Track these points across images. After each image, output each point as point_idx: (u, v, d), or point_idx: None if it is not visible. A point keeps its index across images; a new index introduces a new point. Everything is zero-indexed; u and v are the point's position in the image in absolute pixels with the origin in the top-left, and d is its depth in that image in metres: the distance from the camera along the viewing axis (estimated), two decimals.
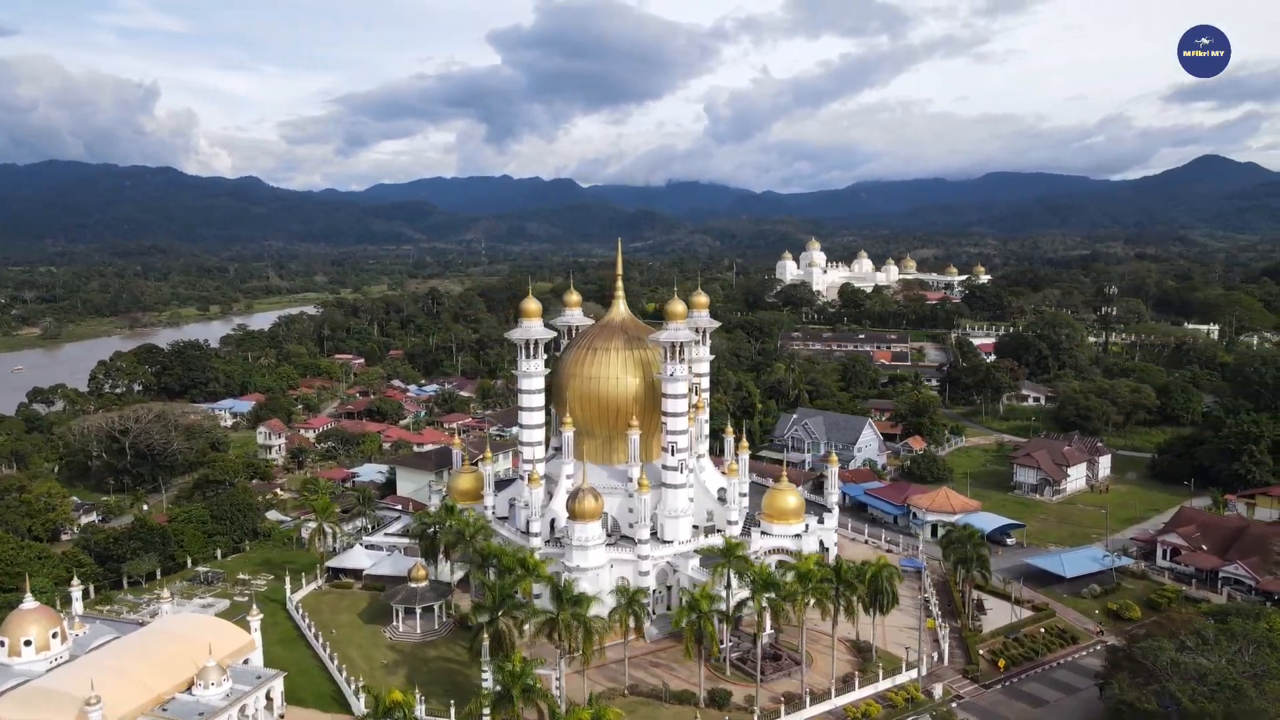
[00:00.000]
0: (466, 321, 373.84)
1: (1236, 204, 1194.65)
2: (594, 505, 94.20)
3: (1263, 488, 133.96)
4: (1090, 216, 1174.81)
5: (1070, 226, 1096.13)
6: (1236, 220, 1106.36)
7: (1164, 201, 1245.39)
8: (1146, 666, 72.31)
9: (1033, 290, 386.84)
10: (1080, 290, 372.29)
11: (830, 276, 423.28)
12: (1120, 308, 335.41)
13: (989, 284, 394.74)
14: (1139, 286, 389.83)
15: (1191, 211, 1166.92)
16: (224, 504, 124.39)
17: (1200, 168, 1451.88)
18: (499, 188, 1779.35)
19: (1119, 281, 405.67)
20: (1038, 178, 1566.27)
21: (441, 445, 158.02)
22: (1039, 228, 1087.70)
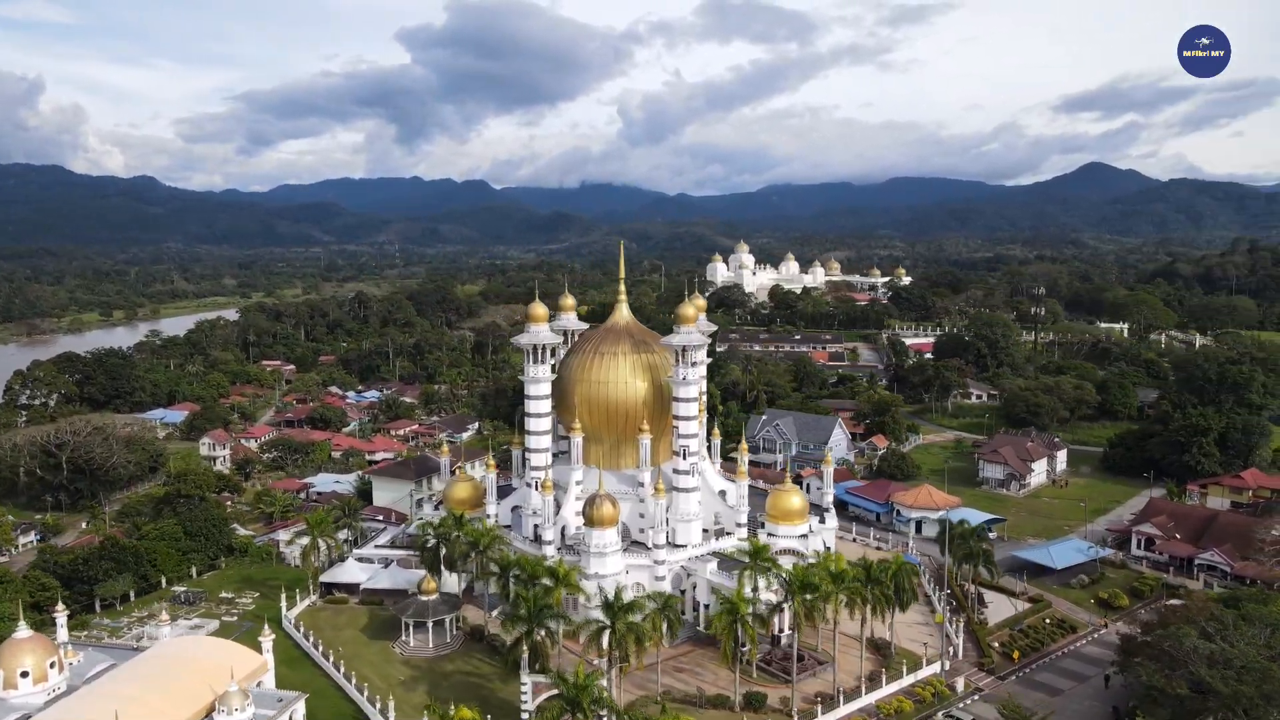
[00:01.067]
0: (398, 325, 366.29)
1: (1120, 209, 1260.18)
2: (612, 511, 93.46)
3: (1212, 478, 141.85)
4: (988, 220, 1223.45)
5: (970, 230, 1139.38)
6: (1120, 224, 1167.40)
7: (1055, 206, 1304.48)
8: (1168, 652, 75.61)
9: (953, 291, 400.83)
10: (999, 291, 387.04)
11: (760, 278, 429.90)
12: (1046, 308, 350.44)
13: (912, 286, 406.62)
14: (1051, 287, 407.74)
15: (1080, 216, 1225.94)
16: (197, 520, 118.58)
17: (1087, 174, 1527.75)
18: (410, 189, 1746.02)
19: (1032, 283, 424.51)
20: (938, 183, 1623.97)
21: (417, 454, 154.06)
22: (941, 231, 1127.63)
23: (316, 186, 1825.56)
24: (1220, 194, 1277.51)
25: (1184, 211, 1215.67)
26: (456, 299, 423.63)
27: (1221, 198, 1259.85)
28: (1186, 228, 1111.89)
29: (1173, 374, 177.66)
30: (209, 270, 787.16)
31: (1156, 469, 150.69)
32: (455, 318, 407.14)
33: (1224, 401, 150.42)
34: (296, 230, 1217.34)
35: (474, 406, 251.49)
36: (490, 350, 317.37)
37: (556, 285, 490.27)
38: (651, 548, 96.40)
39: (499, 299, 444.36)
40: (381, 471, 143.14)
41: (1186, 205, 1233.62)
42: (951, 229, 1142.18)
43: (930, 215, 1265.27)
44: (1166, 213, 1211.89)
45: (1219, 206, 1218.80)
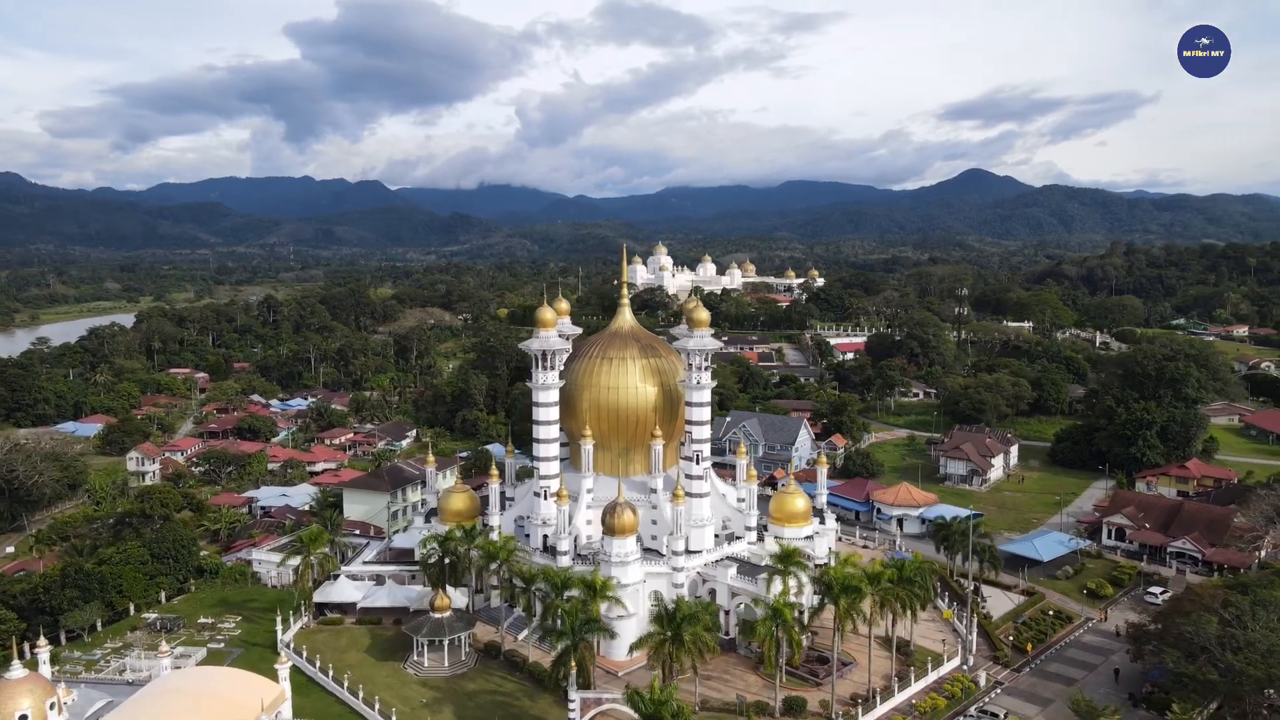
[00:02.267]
0: (313, 330, 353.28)
1: (999, 212, 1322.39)
2: (632, 519, 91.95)
3: (1157, 469, 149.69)
4: (879, 223, 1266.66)
5: (863, 232, 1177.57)
6: (1000, 227, 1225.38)
7: (940, 210, 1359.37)
8: (1188, 639, 79.12)
9: (866, 293, 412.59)
10: (911, 292, 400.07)
11: (679, 280, 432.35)
12: (949, 308, 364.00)
13: (828, 287, 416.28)
14: (955, 288, 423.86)
15: (963, 219, 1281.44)
16: (165, 541, 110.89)
17: (968, 180, 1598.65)
18: (301, 189, 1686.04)
19: (939, 284, 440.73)
20: (831, 186, 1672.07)
21: (389, 463, 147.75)
22: (836, 233, 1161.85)
23: (200, 185, 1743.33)
24: (1088, 199, 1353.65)
25: (1056, 216, 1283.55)
26: (371, 302, 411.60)
27: (1089, 203, 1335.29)
28: (1059, 231, 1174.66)
29: (1113, 370, 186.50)
30: (87, 273, 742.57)
31: (1103, 461, 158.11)
32: (370, 321, 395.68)
33: (1163, 396, 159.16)
34: (180, 231, 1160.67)
35: (409, 413, 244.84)
36: (415, 354, 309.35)
37: (467, 287, 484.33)
38: (670, 554, 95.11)
39: (414, 302, 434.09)
40: (353, 483, 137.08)
41: (1059, 210, 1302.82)
42: (846, 231, 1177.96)
43: (825, 218, 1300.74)
44: (1041, 217, 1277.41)
45: (1087, 211, 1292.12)
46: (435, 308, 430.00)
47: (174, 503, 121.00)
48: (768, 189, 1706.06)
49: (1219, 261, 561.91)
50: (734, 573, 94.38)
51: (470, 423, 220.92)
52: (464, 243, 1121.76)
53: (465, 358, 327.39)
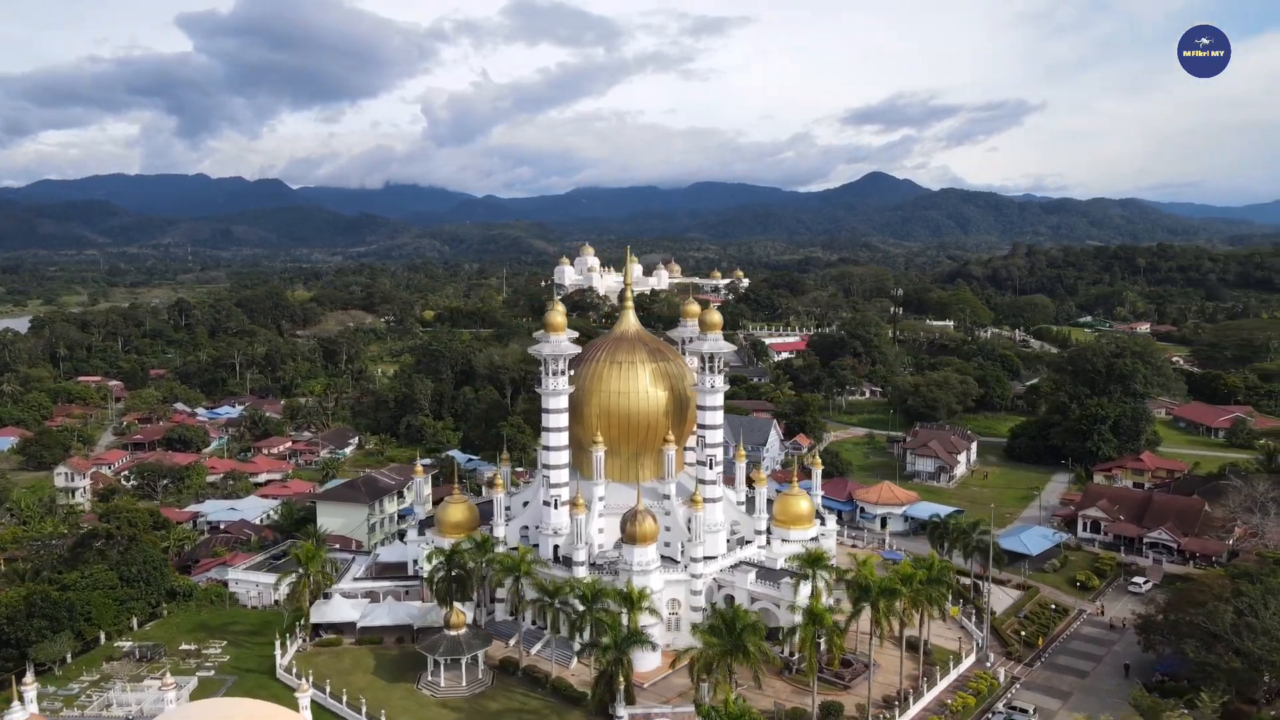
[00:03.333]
0: (231, 334, 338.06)
1: (900, 214, 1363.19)
2: (653, 527, 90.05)
3: (1111, 462, 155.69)
4: (787, 224, 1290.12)
5: (772, 233, 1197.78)
6: (901, 229, 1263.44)
7: (845, 212, 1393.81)
8: (1204, 628, 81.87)
9: (792, 293, 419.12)
10: (838, 292, 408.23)
11: (608, 281, 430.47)
12: (876, 307, 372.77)
13: (757, 287, 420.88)
14: (880, 288, 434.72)
15: (866, 220, 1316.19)
16: (134, 563, 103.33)
17: (870, 183, 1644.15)
18: (195, 187, 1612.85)
19: (860, 284, 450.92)
20: (740, 188, 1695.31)
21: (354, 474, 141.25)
22: (746, 234, 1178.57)
23: (85, 182, 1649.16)
24: (981, 202, 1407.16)
25: (953, 218, 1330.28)
26: (290, 305, 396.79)
27: (983, 205, 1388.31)
28: (956, 232, 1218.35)
29: (1063, 367, 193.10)
30: None
31: (1057, 456, 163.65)
32: (289, 325, 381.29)
33: (1113, 391, 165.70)
34: (64, 231, 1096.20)
35: (347, 419, 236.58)
36: (345, 359, 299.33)
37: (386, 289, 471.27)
38: (688, 561, 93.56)
39: (334, 304, 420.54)
40: (327, 495, 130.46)
41: (955, 212, 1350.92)
42: (755, 232, 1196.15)
43: (734, 219, 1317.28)
44: (939, 219, 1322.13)
45: (981, 213, 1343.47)
46: (357, 310, 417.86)
47: (142, 521, 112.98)
48: (677, 190, 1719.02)
49: (1111, 262, 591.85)
50: (753, 578, 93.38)
51: (416, 428, 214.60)
52: (371, 243, 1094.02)
53: (397, 362, 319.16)
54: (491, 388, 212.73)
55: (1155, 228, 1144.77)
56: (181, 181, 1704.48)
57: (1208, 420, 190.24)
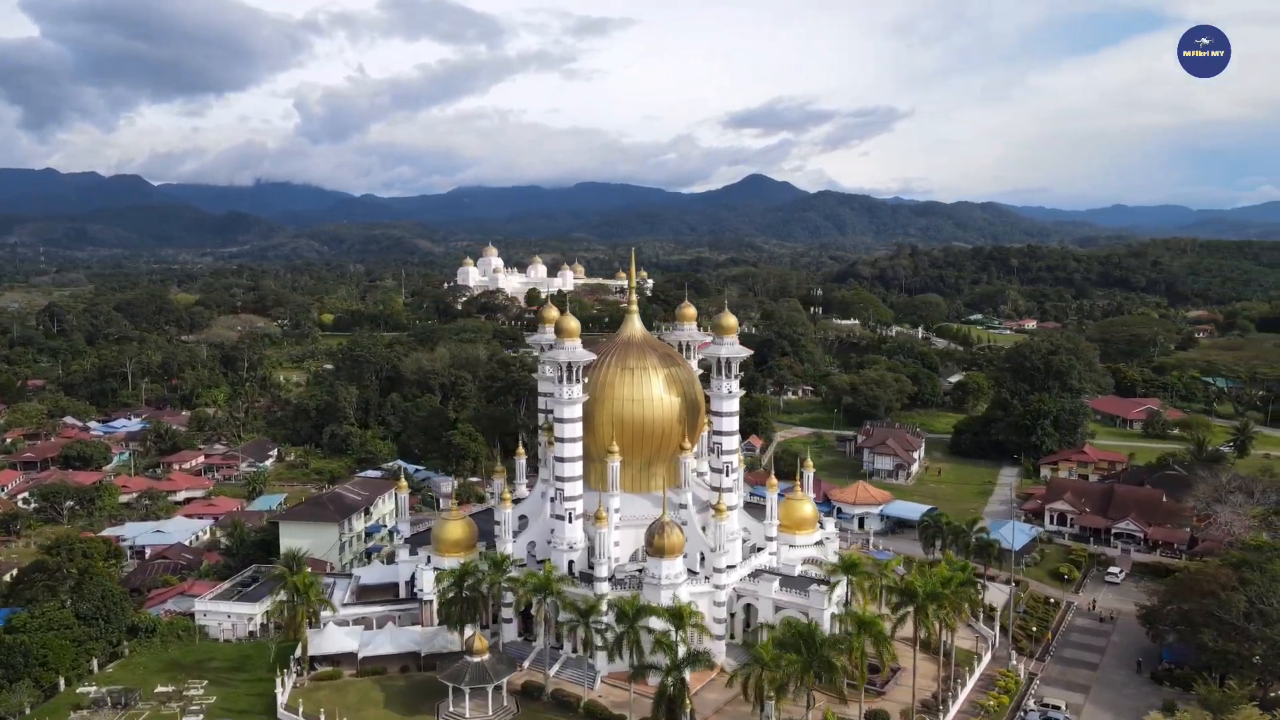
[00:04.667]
0: (111, 339, 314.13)
1: (781, 216, 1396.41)
2: (680, 538, 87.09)
3: (1054, 455, 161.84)
4: (672, 225, 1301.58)
5: (658, 233, 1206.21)
6: (782, 230, 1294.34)
7: (727, 213, 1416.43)
8: (1218, 618, 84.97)
9: (698, 293, 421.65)
10: (744, 293, 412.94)
11: (512, 281, 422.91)
12: (784, 307, 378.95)
13: (665, 287, 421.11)
14: (784, 288, 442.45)
15: (748, 221, 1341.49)
16: (92, 599, 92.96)
17: (751, 185, 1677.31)
18: (43, 183, 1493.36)
19: (765, 284, 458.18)
20: (623, 188, 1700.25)
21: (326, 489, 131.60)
22: (632, 234, 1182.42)
23: None
24: (856, 205, 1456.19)
25: (830, 219, 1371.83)
26: (175, 309, 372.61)
27: (857, 208, 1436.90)
28: (834, 233, 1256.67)
29: (1002, 364, 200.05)
30: None
31: (1001, 451, 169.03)
32: (175, 329, 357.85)
33: (1051, 387, 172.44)
34: None
35: (262, 430, 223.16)
36: (245, 365, 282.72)
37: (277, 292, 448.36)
38: (711, 572, 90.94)
39: (223, 308, 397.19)
40: (293, 514, 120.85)
41: (832, 214, 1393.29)
42: (641, 232, 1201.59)
43: (619, 219, 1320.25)
44: (817, 220, 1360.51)
45: (856, 215, 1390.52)
46: (248, 313, 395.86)
47: (97, 551, 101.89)
48: (561, 190, 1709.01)
49: (988, 262, 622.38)
50: (777, 585, 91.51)
51: (341, 438, 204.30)
52: (244, 244, 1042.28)
53: (300, 367, 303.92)
54: (431, 395, 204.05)
55: (1013, 230, 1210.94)
56: (27, 176, 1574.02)
57: (1123, 413, 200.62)
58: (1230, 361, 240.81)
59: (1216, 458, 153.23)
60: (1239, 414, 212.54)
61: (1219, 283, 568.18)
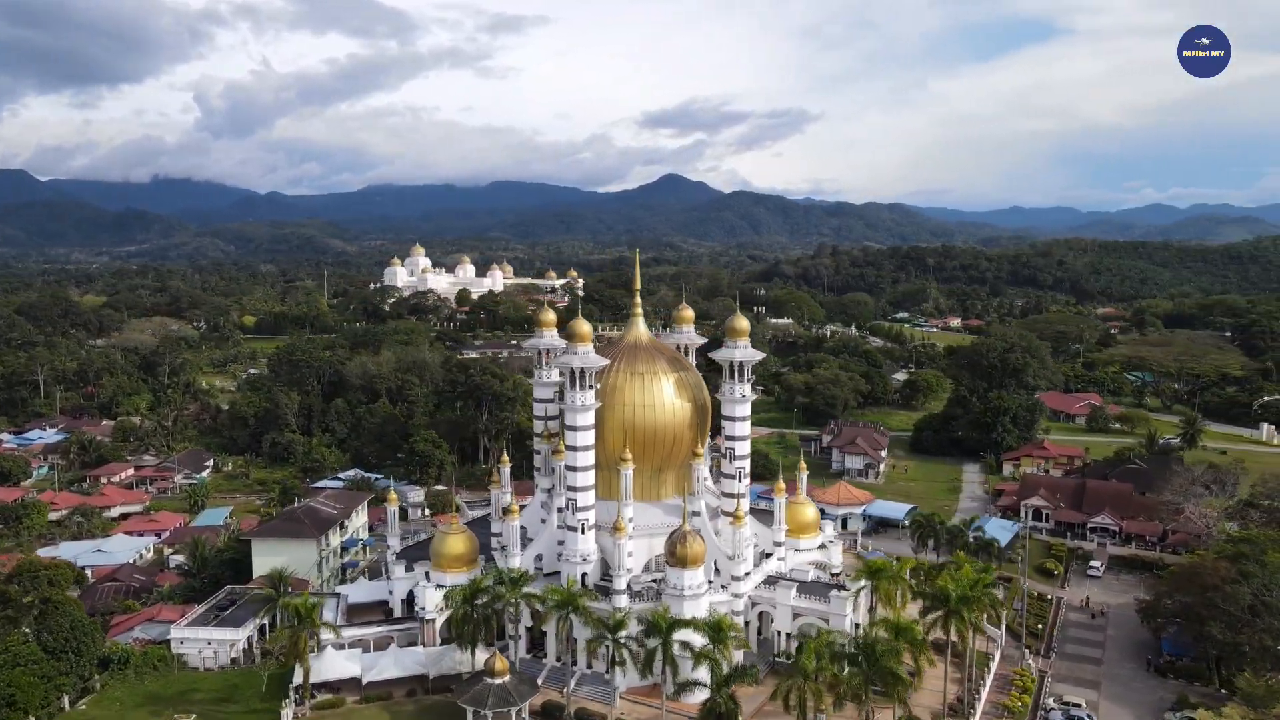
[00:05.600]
0: (13, 346, 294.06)
1: (697, 215, 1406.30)
2: (702, 548, 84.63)
3: (1014, 451, 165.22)
4: (589, 224, 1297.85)
5: (575, 232, 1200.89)
6: (699, 229, 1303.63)
7: (643, 212, 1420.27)
8: (1225, 610, 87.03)
9: (628, 293, 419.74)
10: (682, 292, 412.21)
11: (441, 282, 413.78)
12: (718, 306, 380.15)
13: (599, 288, 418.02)
14: (715, 287, 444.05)
15: (665, 221, 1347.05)
16: (61, 631, 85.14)
17: (666, 184, 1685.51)
18: None
19: (697, 283, 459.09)
20: (539, 187, 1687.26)
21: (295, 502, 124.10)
22: (548, 233, 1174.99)
23: None
24: (770, 205, 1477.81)
25: (745, 219, 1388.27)
26: (83, 311, 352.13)
27: (772, 208, 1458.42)
28: (749, 233, 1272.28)
29: (960, 362, 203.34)
30: None
31: (962, 448, 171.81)
32: (84, 334, 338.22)
33: (1008, 384, 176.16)
34: None
35: (194, 439, 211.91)
36: (168, 371, 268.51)
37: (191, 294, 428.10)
38: (730, 580, 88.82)
39: (135, 310, 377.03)
40: (265, 531, 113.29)
41: (747, 214, 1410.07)
42: (558, 232, 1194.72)
43: (535, 218, 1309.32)
44: (733, 220, 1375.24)
45: (770, 215, 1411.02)
46: (162, 316, 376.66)
47: (64, 579, 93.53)
48: (475, 188, 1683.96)
49: (905, 262, 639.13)
50: (795, 592, 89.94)
51: (282, 446, 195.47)
52: (142, 243, 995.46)
53: (223, 373, 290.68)
54: (385, 401, 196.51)
55: (920, 230, 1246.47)
56: None
57: (1065, 408, 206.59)
58: (1160, 357, 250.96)
59: (1167, 450, 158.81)
60: (1166, 407, 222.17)
61: (1118, 281, 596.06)
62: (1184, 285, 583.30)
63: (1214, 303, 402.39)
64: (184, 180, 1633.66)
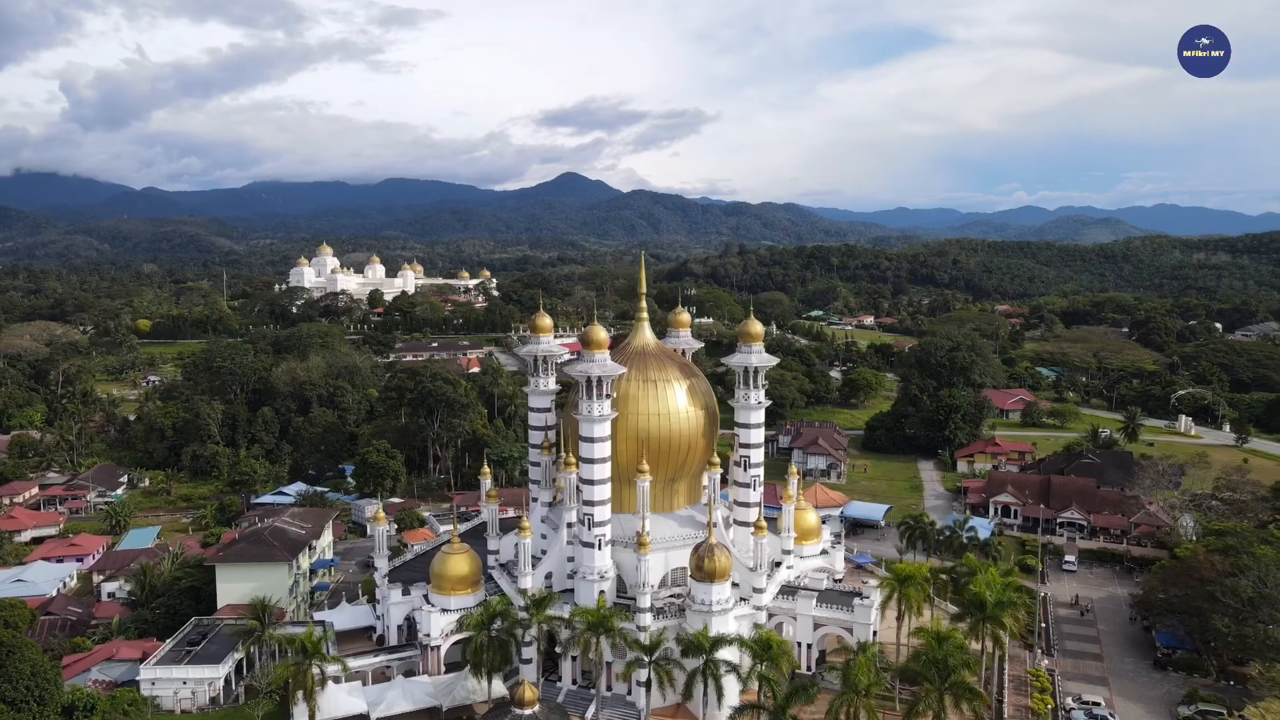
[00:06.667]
0: None
1: (597, 214, 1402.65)
2: (728, 561, 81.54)
3: (968, 447, 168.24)
4: (488, 223, 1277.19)
5: (472, 231, 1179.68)
6: (599, 228, 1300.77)
7: (543, 211, 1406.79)
8: (1225, 603, 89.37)
9: (546, 293, 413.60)
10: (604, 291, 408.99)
11: (350, 283, 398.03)
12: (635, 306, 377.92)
13: (516, 288, 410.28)
14: (632, 288, 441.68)
15: (566, 220, 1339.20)
16: (21, 678, 75.52)
17: (564, 183, 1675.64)
18: None
19: (614, 283, 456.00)
20: (435, 185, 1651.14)
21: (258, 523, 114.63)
22: (446, 232, 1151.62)
23: None
24: (669, 204, 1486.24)
25: (645, 218, 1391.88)
26: None
27: (671, 207, 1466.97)
28: (649, 232, 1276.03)
29: (910, 361, 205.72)
30: None
31: (913, 445, 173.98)
32: None
33: (956, 382, 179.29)
34: None
35: (104, 453, 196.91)
36: (60, 380, 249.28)
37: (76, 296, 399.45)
38: (749, 592, 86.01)
39: (11, 315, 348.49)
40: (231, 556, 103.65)
41: (646, 213, 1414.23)
42: (455, 230, 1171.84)
43: (432, 217, 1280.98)
44: (633, 219, 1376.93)
45: (669, 214, 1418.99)
46: (44, 320, 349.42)
47: (22, 620, 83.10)
48: (369, 186, 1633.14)
49: (810, 261, 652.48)
50: (815, 602, 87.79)
51: (205, 459, 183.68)
52: (4, 241, 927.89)
53: (118, 380, 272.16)
54: (318, 408, 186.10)
55: (814, 229, 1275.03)
56: None
57: (1000, 403, 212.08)
58: (1080, 353, 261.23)
59: (1110, 445, 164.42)
60: (1085, 401, 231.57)
61: (1009, 279, 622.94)
62: (1067, 283, 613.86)
63: (1105, 300, 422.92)
64: (50, 174, 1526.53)
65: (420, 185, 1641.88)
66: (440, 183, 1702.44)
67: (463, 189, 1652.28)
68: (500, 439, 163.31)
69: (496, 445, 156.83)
